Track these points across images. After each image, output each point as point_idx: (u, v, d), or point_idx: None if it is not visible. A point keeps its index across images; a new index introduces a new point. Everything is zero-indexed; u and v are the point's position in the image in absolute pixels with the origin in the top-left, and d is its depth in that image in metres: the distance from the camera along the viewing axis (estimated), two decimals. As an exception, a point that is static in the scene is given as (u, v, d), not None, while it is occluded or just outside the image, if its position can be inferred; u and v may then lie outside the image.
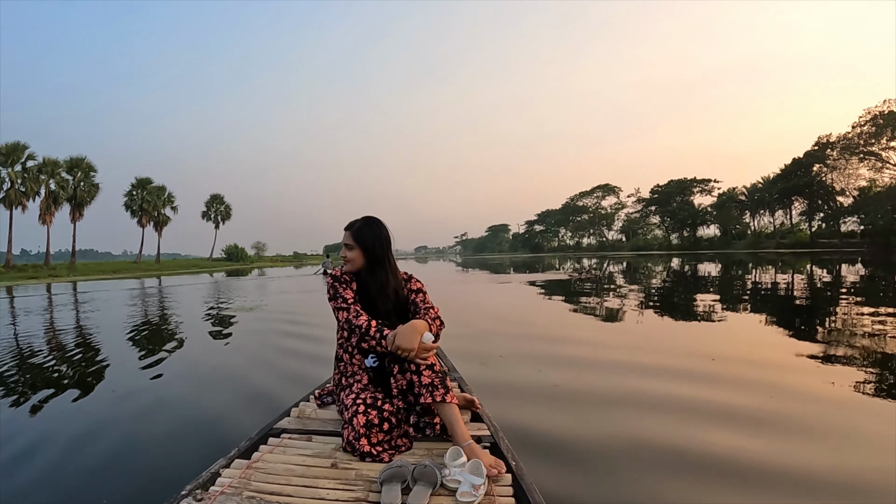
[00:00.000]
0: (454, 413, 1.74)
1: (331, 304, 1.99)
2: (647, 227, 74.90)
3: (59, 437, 2.70)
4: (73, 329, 7.53)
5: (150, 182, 47.64)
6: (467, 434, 1.72)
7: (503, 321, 7.00)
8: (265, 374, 4.01)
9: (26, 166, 35.33)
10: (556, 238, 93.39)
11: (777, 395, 3.08)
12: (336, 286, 2.00)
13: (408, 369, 1.80)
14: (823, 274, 15.14)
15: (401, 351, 1.76)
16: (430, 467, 1.54)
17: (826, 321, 6.34)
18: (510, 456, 1.74)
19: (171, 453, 2.45)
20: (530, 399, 3.14)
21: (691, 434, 2.47)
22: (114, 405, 3.32)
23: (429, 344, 1.81)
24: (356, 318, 1.88)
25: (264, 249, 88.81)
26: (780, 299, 8.96)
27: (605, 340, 5.16)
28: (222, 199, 60.32)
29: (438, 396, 1.74)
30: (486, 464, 1.58)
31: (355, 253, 2.01)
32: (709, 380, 3.47)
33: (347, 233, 2.04)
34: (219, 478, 1.60)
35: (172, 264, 52.15)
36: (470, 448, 1.66)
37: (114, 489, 2.08)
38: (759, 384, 3.31)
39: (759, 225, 58.80)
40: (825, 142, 45.13)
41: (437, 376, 1.78)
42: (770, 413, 2.76)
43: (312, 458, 1.73)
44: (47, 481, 2.18)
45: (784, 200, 50.89)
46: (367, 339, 1.84)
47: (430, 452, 1.78)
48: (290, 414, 2.17)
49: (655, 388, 3.28)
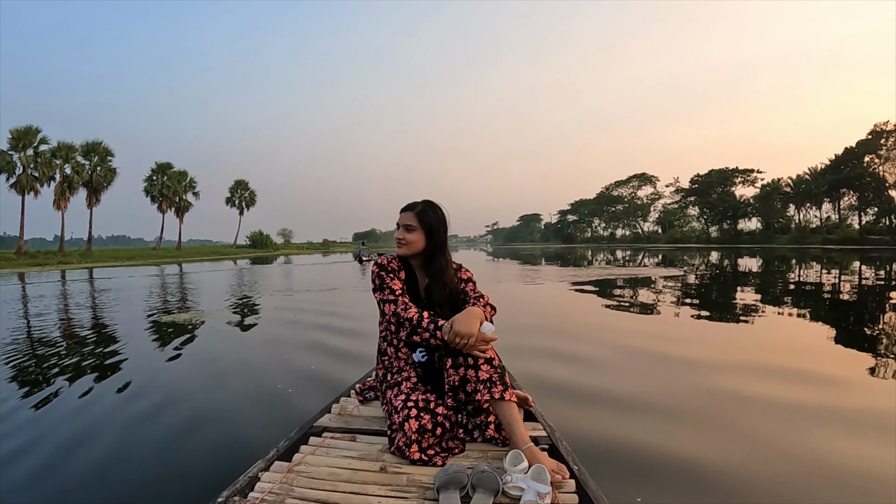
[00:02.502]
0: (513, 412, 1.59)
1: (376, 295, 1.85)
2: (684, 218, 72.48)
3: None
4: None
5: (170, 167, 46.40)
6: (527, 436, 1.57)
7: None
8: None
9: (39, 150, 34.03)
10: (590, 229, 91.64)
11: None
12: (383, 276, 1.86)
13: (462, 364, 1.65)
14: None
15: (459, 338, 1.60)
16: (490, 472, 1.39)
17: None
18: (571, 459, 1.58)
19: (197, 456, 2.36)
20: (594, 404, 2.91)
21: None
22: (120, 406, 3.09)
23: (488, 335, 1.65)
24: (405, 311, 1.74)
25: (291, 236, 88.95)
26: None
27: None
28: (247, 185, 59.10)
29: (497, 393, 1.58)
30: (548, 468, 1.43)
31: (416, 235, 1.86)
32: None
33: (409, 213, 1.88)
34: (258, 482, 1.49)
35: (192, 251, 50.41)
36: (530, 451, 1.51)
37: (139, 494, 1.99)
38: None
39: (804, 219, 55.95)
40: (880, 130, 42.51)
41: (495, 371, 1.63)
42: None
43: (358, 460, 1.60)
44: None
45: (833, 193, 48.20)
46: (420, 331, 1.69)
47: (485, 455, 1.64)
48: (331, 411, 2.05)
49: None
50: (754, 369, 3.71)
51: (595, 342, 4.74)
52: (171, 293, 11.53)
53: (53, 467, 2.24)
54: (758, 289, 10.26)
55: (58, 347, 5.20)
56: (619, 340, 4.78)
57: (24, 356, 4.70)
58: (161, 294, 11.24)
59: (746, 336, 5.27)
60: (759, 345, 4.69)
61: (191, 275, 19.03)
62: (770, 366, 3.80)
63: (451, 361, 1.67)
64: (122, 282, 15.19)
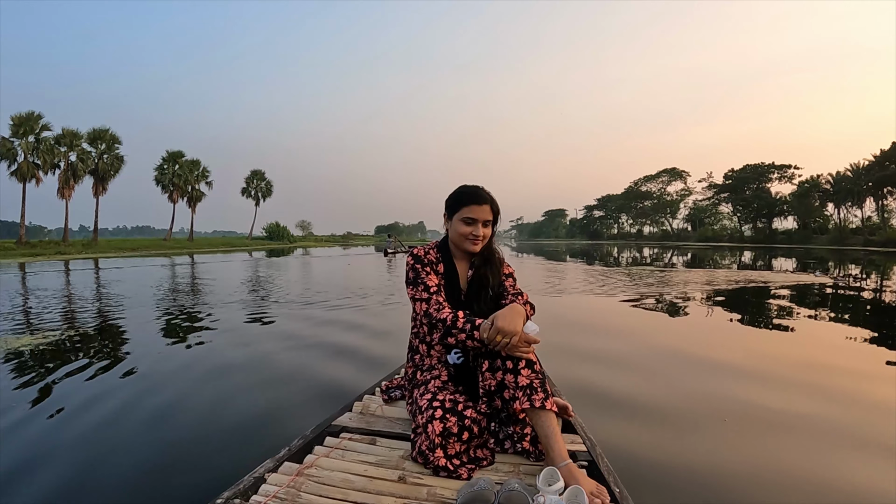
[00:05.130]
0: (552, 424, 1.40)
1: (408, 290, 1.68)
2: (715, 216, 70.24)
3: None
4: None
5: (181, 155, 44.35)
6: (565, 452, 1.37)
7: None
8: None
9: (41, 137, 32.49)
10: (616, 225, 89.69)
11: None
12: (418, 269, 1.68)
13: (500, 367, 1.46)
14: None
15: (501, 336, 1.41)
16: (520, 492, 1.22)
17: None
18: (612, 480, 1.39)
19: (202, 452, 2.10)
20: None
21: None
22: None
23: (532, 336, 1.46)
24: (438, 312, 1.57)
25: (310, 228, 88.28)
26: None
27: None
28: (263, 175, 56.55)
29: (538, 402, 1.40)
30: (586, 491, 1.25)
31: (490, 229, 1.70)
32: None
33: (486, 206, 1.68)
34: (263, 484, 1.36)
35: (204, 242, 48.71)
36: (568, 470, 1.33)
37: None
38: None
39: (842, 218, 53.36)
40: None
41: (536, 377, 1.44)
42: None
43: (376, 466, 1.45)
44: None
45: (878, 192, 45.82)
46: (455, 332, 1.51)
47: (517, 470, 1.46)
48: (353, 409, 1.91)
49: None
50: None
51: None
52: (90, 291, 9.30)
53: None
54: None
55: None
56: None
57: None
58: (80, 293, 8.95)
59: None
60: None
61: (171, 267, 16.74)
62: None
63: (487, 364, 1.49)
64: (77, 276, 13.14)
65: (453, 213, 1.70)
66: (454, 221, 1.70)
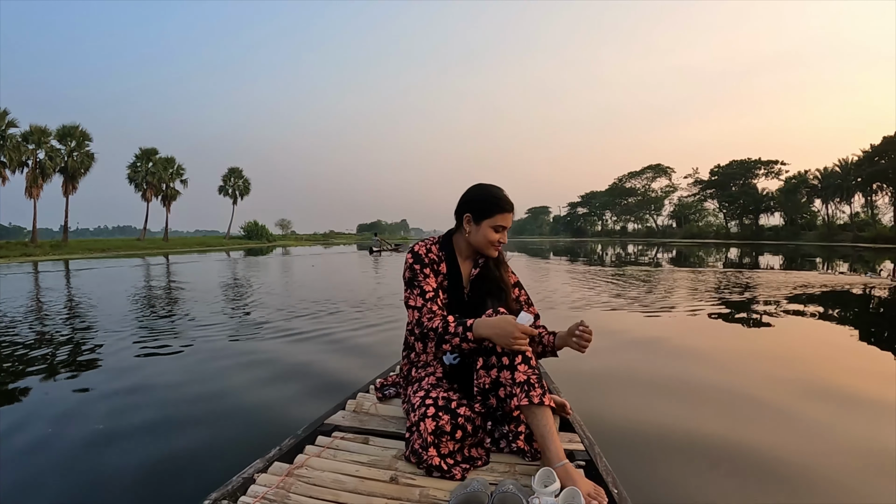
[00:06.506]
0: (549, 422, 1.37)
1: (405, 291, 1.63)
2: (700, 212, 70.64)
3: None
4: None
5: (155, 153, 43.19)
6: (562, 452, 1.34)
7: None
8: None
9: (7, 134, 30.90)
10: (600, 222, 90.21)
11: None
12: (416, 270, 1.61)
13: (496, 364, 1.42)
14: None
15: (498, 336, 1.41)
16: (514, 494, 1.18)
17: None
18: (611, 481, 1.36)
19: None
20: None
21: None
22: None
23: (526, 326, 1.42)
24: (430, 321, 1.52)
25: (290, 227, 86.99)
26: None
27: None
28: (241, 173, 55.30)
29: (536, 398, 1.36)
30: (583, 492, 1.21)
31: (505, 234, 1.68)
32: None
33: (509, 214, 1.64)
34: (252, 485, 1.32)
35: (178, 242, 46.95)
36: (564, 470, 1.29)
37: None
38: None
39: (830, 215, 53.81)
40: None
41: (534, 372, 1.40)
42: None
43: (368, 466, 1.41)
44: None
45: (867, 188, 46.20)
46: (448, 338, 1.47)
47: (512, 470, 1.43)
48: (346, 407, 1.86)
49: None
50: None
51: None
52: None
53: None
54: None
55: None
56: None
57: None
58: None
59: None
60: None
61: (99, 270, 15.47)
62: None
63: (482, 361, 1.45)
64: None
65: (482, 217, 1.62)
66: (482, 226, 1.62)
